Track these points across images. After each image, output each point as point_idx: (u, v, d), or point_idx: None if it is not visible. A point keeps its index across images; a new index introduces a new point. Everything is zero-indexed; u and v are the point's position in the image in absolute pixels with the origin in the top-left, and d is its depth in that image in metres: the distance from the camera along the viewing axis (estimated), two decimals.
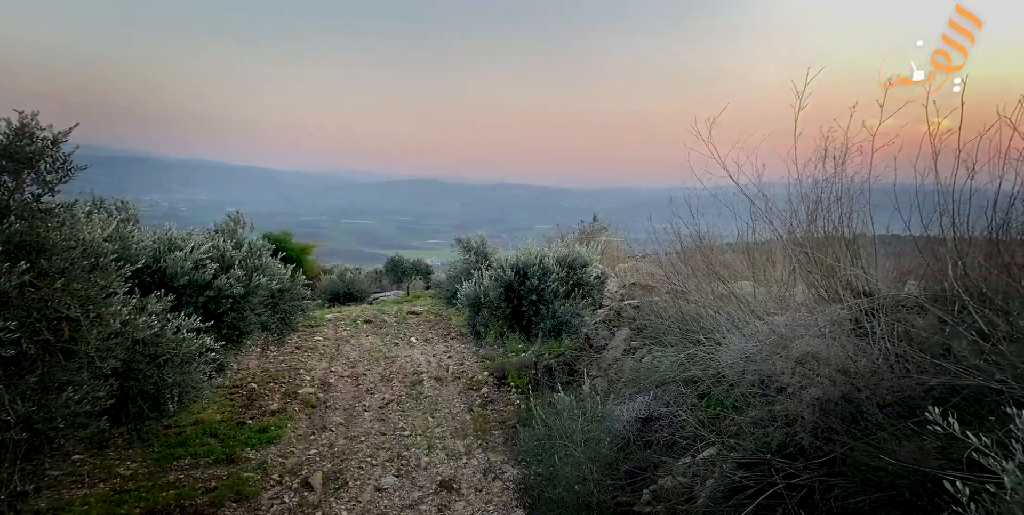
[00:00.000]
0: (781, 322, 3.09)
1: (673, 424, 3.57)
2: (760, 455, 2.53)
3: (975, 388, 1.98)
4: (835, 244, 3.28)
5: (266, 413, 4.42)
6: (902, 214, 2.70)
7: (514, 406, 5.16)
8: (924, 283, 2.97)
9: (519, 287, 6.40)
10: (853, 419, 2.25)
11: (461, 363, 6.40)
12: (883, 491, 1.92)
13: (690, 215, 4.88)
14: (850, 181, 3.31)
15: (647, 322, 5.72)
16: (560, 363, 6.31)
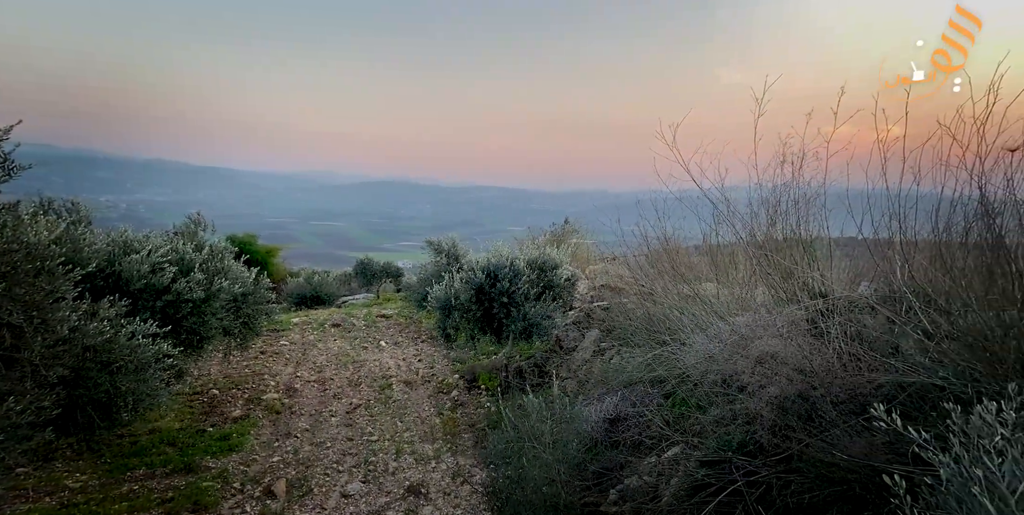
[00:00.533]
0: (742, 323, 3.17)
1: (640, 424, 3.62)
2: (722, 453, 2.59)
3: (920, 385, 2.07)
4: (793, 247, 3.39)
5: (228, 420, 4.29)
6: (855, 218, 2.81)
7: (484, 409, 5.15)
8: (876, 285, 3.10)
9: (490, 289, 6.40)
10: (809, 417, 2.32)
11: (431, 366, 6.35)
12: (835, 486, 1.99)
13: (656, 218, 4.98)
14: (807, 186, 3.43)
15: (616, 323, 5.80)
16: (530, 365, 6.33)
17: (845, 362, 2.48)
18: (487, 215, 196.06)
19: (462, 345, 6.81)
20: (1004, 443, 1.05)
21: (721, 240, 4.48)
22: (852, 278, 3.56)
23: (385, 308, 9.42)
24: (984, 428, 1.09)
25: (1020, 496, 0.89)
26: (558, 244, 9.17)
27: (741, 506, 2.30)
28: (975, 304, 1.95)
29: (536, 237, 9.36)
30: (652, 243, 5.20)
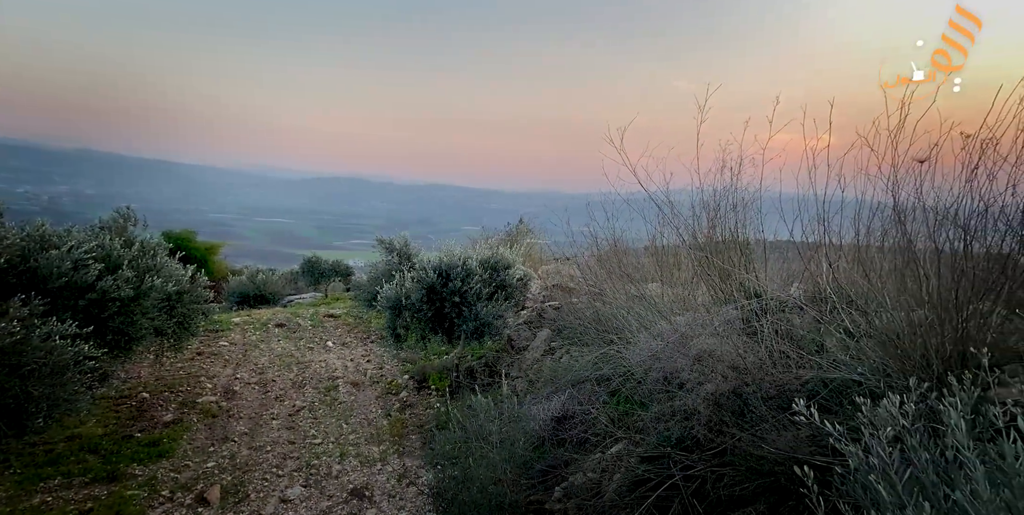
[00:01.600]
0: (682, 322, 3.29)
1: (586, 422, 3.68)
2: (661, 449, 2.67)
3: (842, 381, 2.21)
4: (731, 249, 3.54)
5: (158, 425, 4.06)
6: (786, 222, 2.97)
7: (434, 409, 5.10)
8: (805, 286, 3.28)
9: (442, 289, 6.35)
10: (741, 412, 2.43)
11: (380, 367, 6.24)
12: (764, 478, 2.08)
13: (606, 220, 5.08)
14: (744, 190, 3.59)
15: (566, 323, 5.88)
16: (482, 365, 6.32)
17: (776, 359, 2.61)
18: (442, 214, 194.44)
19: (412, 345, 6.72)
20: (904, 432, 1.13)
21: (666, 242, 4.62)
22: (785, 279, 3.75)
23: (333, 308, 9.18)
24: (888, 419, 1.17)
25: (907, 481, 0.97)
26: (512, 244, 9.21)
27: (678, 500, 2.38)
28: (889, 305, 2.10)
29: (490, 237, 9.35)
30: (601, 244, 5.31)
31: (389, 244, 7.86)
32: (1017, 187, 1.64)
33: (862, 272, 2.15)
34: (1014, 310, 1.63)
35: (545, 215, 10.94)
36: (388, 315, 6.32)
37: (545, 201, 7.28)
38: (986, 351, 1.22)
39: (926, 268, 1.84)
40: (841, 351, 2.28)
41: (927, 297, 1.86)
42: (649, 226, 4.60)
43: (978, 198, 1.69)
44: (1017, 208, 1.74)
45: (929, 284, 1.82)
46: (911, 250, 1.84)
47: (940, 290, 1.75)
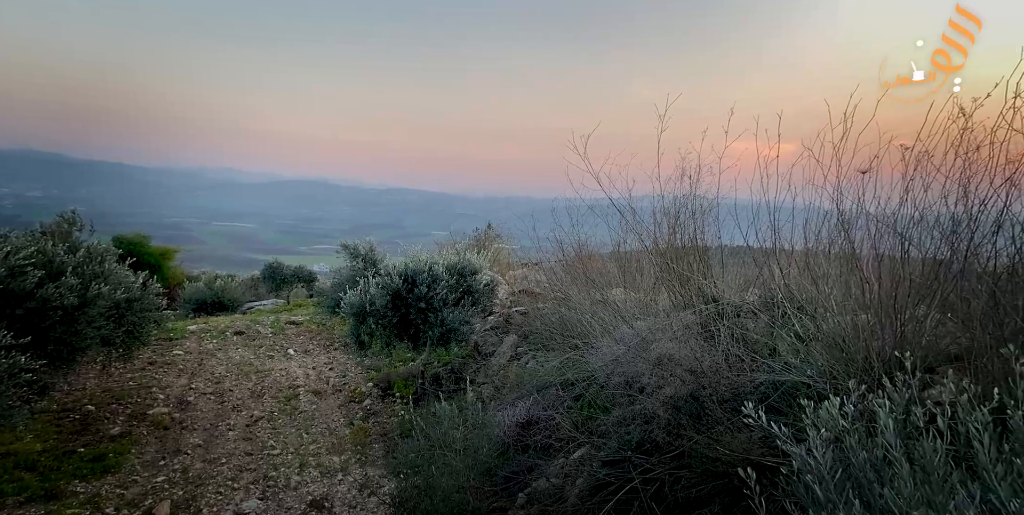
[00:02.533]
0: (643, 327, 3.34)
1: (550, 427, 3.69)
2: (622, 453, 2.71)
3: (792, 383, 2.28)
4: (690, 255, 3.63)
5: (104, 439, 3.87)
6: (741, 229, 3.06)
7: (398, 417, 5.03)
8: (760, 291, 3.38)
9: (407, 295, 6.28)
10: (698, 415, 2.48)
11: (344, 375, 6.12)
12: (719, 479, 2.13)
13: (571, 225, 5.14)
14: (703, 198, 3.68)
15: (533, 328, 5.90)
16: (448, 371, 6.28)
17: (732, 363, 2.69)
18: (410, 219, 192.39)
19: (377, 352, 6.62)
20: (844, 433, 1.18)
21: (629, 247, 4.70)
22: (743, 285, 3.86)
23: (295, 314, 8.95)
24: (829, 421, 1.21)
25: (845, 480, 1.01)
26: (481, 249, 9.19)
27: (637, 503, 2.41)
28: (835, 310, 2.18)
29: (457, 242, 9.31)
30: (567, 250, 5.36)
31: (354, 249, 7.73)
32: (948, 197, 1.74)
33: (810, 279, 2.24)
34: (946, 314, 1.72)
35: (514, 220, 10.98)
36: (352, 322, 6.21)
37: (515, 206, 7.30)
38: (921, 353, 1.28)
39: (868, 274, 1.93)
40: (792, 354, 2.36)
41: (869, 302, 1.94)
42: (613, 232, 4.67)
43: (913, 207, 1.79)
44: (949, 217, 1.84)
45: (871, 290, 1.90)
46: (854, 257, 1.92)
47: (881, 296, 1.83)
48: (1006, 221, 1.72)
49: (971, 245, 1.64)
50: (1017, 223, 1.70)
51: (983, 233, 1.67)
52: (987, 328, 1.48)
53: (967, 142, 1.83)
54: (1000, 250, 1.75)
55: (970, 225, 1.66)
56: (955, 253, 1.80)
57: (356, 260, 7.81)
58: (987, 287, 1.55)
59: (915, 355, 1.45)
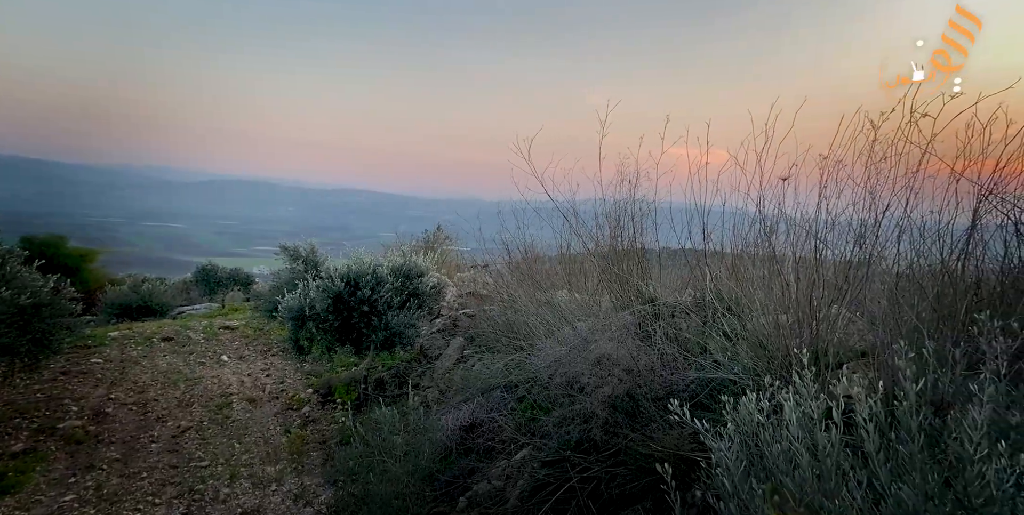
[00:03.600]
0: (584, 327, 3.40)
1: (493, 429, 3.69)
2: (561, 452, 2.74)
3: (720, 380, 2.38)
4: (630, 258, 3.73)
5: (4, 456, 3.53)
6: (676, 233, 3.18)
7: (339, 424, 4.88)
8: (694, 292, 3.52)
9: (350, 298, 6.11)
10: (634, 413, 2.55)
11: (281, 381, 5.88)
12: (651, 475, 2.19)
13: (517, 228, 5.17)
14: (642, 202, 3.79)
15: (480, 330, 5.88)
16: (392, 375, 6.16)
17: (666, 362, 2.77)
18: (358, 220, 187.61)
19: (318, 357, 6.40)
20: (759, 427, 1.23)
21: (574, 250, 4.78)
22: (680, 286, 4.00)
23: (231, 319, 8.53)
24: (745, 415, 1.27)
25: (759, 471, 1.06)
26: (429, 251, 9.09)
27: (575, 502, 2.44)
28: (759, 310, 2.30)
29: (403, 244, 9.17)
30: (513, 252, 5.39)
31: (294, 251, 7.46)
32: (857, 204, 1.87)
33: (736, 280, 2.34)
34: (855, 312, 1.84)
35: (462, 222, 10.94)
36: (291, 326, 5.98)
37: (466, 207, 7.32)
38: (833, 350, 1.36)
39: (788, 276, 2.04)
40: (720, 353, 2.46)
41: (789, 303, 2.05)
42: (558, 235, 4.73)
43: (826, 212, 1.91)
44: (858, 222, 1.97)
45: (790, 291, 2.01)
46: (775, 260, 2.03)
47: (799, 297, 1.94)
48: (907, 226, 1.86)
49: (874, 248, 1.77)
50: (916, 227, 1.84)
51: (886, 237, 1.80)
52: (888, 326, 1.60)
53: (874, 153, 1.97)
54: (902, 253, 1.89)
55: (875, 230, 1.79)
56: (863, 256, 1.93)
57: (296, 262, 7.54)
58: (888, 287, 1.67)
59: (828, 352, 1.54)
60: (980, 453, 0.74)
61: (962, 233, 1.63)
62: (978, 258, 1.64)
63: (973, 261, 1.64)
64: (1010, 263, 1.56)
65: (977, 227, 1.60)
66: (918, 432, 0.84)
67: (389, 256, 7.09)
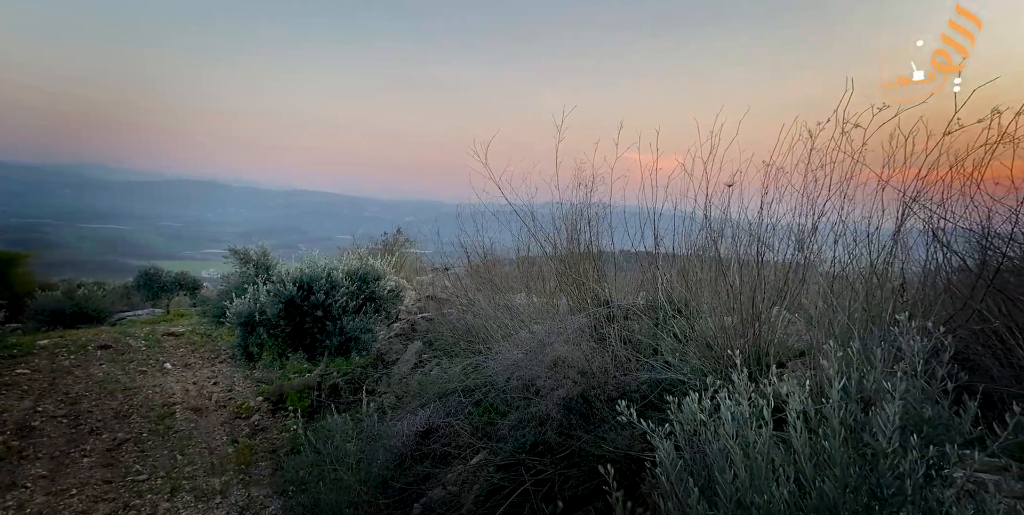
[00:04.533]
0: (540, 330, 3.42)
1: (449, 434, 3.65)
2: (517, 456, 2.73)
3: (671, 380, 2.44)
4: (586, 261, 3.78)
5: None
6: (630, 235, 3.24)
7: (290, 432, 4.72)
8: (648, 294, 3.59)
9: (302, 303, 5.94)
10: (588, 415, 2.58)
11: (229, 389, 5.65)
12: (603, 476, 2.22)
13: (476, 231, 5.15)
14: (598, 205, 3.85)
15: (439, 335, 5.83)
16: (348, 381, 6.02)
17: (620, 363, 2.82)
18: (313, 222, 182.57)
19: (269, 364, 6.19)
20: (701, 426, 1.27)
21: (532, 253, 4.80)
22: (635, 288, 4.08)
23: (176, 325, 8.14)
24: (689, 415, 1.30)
25: (700, 469, 1.09)
26: (388, 254, 8.94)
27: (528, 505, 2.44)
28: (707, 311, 2.37)
29: (360, 247, 9.00)
30: (472, 255, 5.37)
31: (244, 254, 7.19)
32: (795, 210, 1.96)
33: (685, 283, 2.41)
34: (795, 314, 1.92)
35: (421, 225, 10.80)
36: (239, 332, 5.76)
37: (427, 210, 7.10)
38: (774, 350, 1.42)
39: (733, 279, 2.11)
40: (671, 354, 2.52)
41: (734, 305, 2.12)
42: (516, 238, 4.74)
43: (768, 217, 1.99)
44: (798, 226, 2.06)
45: (735, 294, 2.08)
46: (720, 264, 2.09)
47: (742, 299, 2.01)
48: (841, 230, 1.95)
49: (811, 252, 1.85)
50: (850, 232, 1.94)
51: (823, 241, 1.90)
52: (823, 326, 1.68)
53: (811, 161, 2.07)
54: (837, 257, 1.99)
55: (812, 234, 1.87)
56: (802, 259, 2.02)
57: (247, 266, 7.27)
58: (823, 289, 1.76)
59: (769, 352, 1.59)
60: (892, 446, 0.78)
61: (888, 238, 1.73)
62: (903, 261, 1.75)
63: (898, 264, 1.74)
64: (930, 266, 1.67)
65: (901, 232, 1.71)
66: (839, 428, 0.89)
67: (345, 259, 6.94)
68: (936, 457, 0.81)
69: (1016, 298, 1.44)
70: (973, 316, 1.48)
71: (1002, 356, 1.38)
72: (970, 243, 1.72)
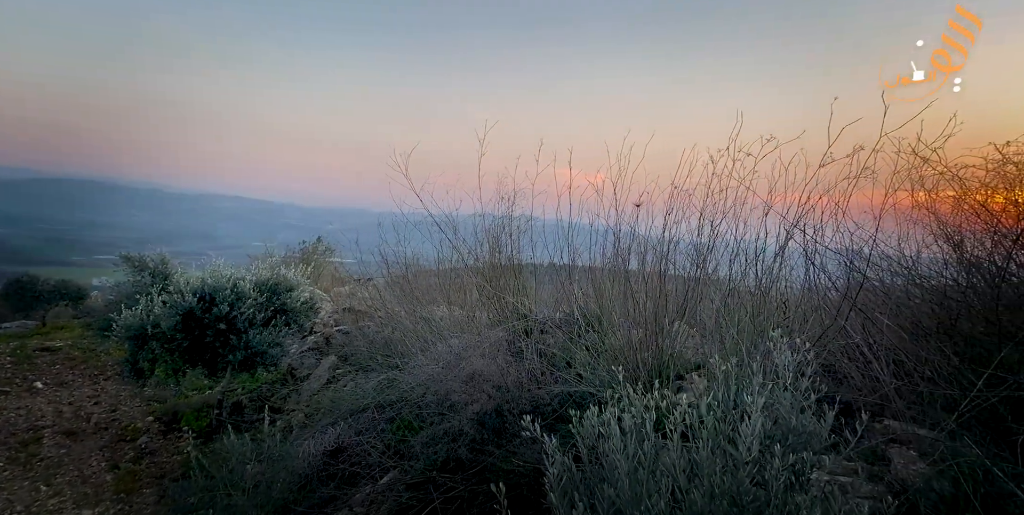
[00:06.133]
0: (458, 344, 3.38)
1: (361, 453, 3.50)
2: (428, 474, 2.66)
3: (582, 393, 2.49)
4: (507, 274, 3.80)
5: None
6: (548, 249, 3.30)
7: (184, 455, 4.34)
8: (567, 307, 3.67)
9: (203, 315, 5.50)
10: (501, 430, 2.57)
11: (113, 409, 5.11)
12: (512, 491, 2.21)
13: (397, 242, 5.05)
14: (520, 219, 3.91)
15: (355, 348, 5.62)
16: (253, 399, 5.65)
17: (535, 376, 2.84)
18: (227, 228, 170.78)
19: (163, 381, 5.66)
20: (598, 438, 1.29)
21: (455, 265, 4.77)
22: (555, 301, 4.15)
23: (52, 339, 7.26)
24: (589, 428, 1.32)
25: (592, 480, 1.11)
26: (308, 263, 8.54)
27: None
28: (616, 325, 2.45)
29: (273, 255, 8.54)
30: (393, 266, 5.25)
31: (140, 261, 6.56)
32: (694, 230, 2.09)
33: (598, 298, 2.48)
34: (693, 327, 2.03)
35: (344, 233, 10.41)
36: (128, 346, 5.22)
37: (352, 217, 6.84)
38: (674, 362, 1.48)
39: (639, 295, 2.20)
40: (583, 367, 2.58)
41: (640, 319, 2.21)
42: (439, 250, 4.69)
43: (671, 236, 2.10)
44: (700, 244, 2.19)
45: (640, 308, 2.17)
46: (627, 280, 2.18)
47: (646, 314, 2.10)
48: (736, 250, 2.10)
49: (706, 267, 1.98)
50: (742, 252, 2.09)
51: (718, 259, 2.03)
52: (716, 340, 1.79)
53: (713, 185, 2.22)
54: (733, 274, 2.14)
55: (709, 252, 2.00)
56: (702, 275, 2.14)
57: (142, 274, 6.64)
58: (716, 306, 1.88)
59: (670, 364, 1.66)
60: (751, 455, 0.84)
61: (772, 259, 1.89)
62: (787, 280, 1.91)
63: (783, 283, 1.90)
64: (808, 285, 1.84)
65: (785, 253, 1.87)
66: (707, 439, 0.94)
67: (255, 269, 6.53)
68: (800, 463, 0.88)
69: (874, 316, 1.62)
70: (840, 332, 1.64)
71: (862, 368, 1.55)
72: (840, 265, 1.92)
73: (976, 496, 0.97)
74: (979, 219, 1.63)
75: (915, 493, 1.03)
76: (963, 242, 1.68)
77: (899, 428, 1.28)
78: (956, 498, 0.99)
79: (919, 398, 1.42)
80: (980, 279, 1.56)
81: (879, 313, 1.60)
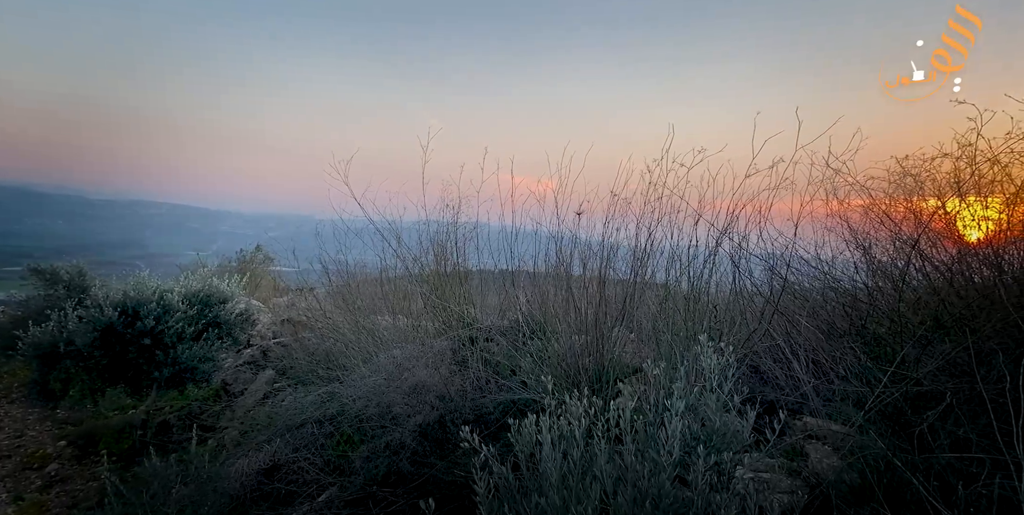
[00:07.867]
0: (400, 354, 3.31)
1: (298, 470, 3.35)
2: (368, 489, 2.58)
3: (526, 400, 2.49)
4: (452, 282, 3.77)
5: None
6: (494, 257, 3.30)
7: (100, 481, 4.00)
8: (513, 315, 3.67)
9: (126, 330, 5.13)
10: (444, 441, 2.53)
11: (19, 435, 4.66)
12: (454, 502, 2.17)
13: (337, 250, 4.90)
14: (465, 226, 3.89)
15: (294, 361, 5.40)
16: (182, 417, 5.30)
17: (480, 385, 2.82)
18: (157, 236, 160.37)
19: (78, 402, 5.22)
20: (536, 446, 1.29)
21: (399, 273, 4.67)
22: (502, 309, 4.14)
23: None
24: (527, 436, 1.32)
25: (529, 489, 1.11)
26: (243, 274, 8.14)
27: None
28: (560, 332, 2.47)
29: (205, 265, 8.10)
30: (333, 275, 5.09)
31: (52, 274, 6.06)
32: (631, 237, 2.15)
33: (543, 305, 2.50)
34: (631, 333, 2.08)
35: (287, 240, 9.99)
36: (36, 366, 4.80)
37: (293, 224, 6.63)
38: (613, 367, 1.50)
39: (580, 301, 2.23)
40: (527, 374, 2.58)
41: (581, 326, 2.24)
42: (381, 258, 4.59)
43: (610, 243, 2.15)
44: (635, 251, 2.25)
45: (582, 315, 2.20)
46: (570, 287, 2.21)
47: (588, 321, 2.13)
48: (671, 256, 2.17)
49: (643, 273, 2.03)
50: (678, 258, 2.16)
51: (655, 266, 2.09)
52: (651, 344, 1.84)
53: (651, 194, 2.29)
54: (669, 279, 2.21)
55: (645, 259, 2.06)
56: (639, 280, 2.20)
57: (55, 287, 6.14)
58: (652, 311, 1.93)
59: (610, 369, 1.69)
60: (673, 458, 0.87)
61: (701, 265, 1.98)
62: (717, 285, 1.99)
63: (714, 287, 1.98)
64: (735, 291, 1.93)
65: (714, 260, 1.95)
66: (631, 444, 0.97)
67: (185, 280, 6.16)
68: (724, 463, 0.92)
69: (794, 318, 1.72)
70: (765, 334, 1.73)
71: (785, 368, 1.64)
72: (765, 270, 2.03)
73: (880, 486, 1.04)
74: (883, 226, 1.78)
75: (828, 486, 1.10)
76: (871, 247, 1.82)
77: (816, 424, 1.36)
78: (863, 489, 1.06)
79: (834, 395, 1.52)
80: (886, 282, 1.70)
81: (799, 315, 1.70)
